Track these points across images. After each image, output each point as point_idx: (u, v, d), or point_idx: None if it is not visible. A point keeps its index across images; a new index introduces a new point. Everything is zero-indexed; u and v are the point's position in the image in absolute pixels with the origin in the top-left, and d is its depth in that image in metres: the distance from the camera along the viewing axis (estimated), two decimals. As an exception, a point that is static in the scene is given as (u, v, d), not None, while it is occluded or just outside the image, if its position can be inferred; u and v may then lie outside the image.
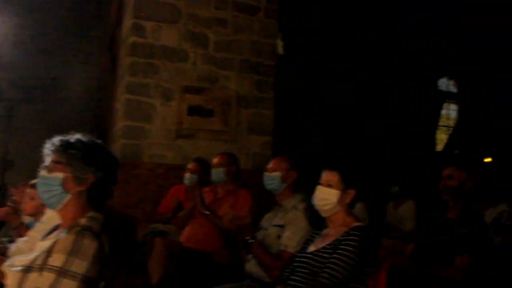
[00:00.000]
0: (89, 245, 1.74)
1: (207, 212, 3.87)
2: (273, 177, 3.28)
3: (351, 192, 2.63)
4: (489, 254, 3.26)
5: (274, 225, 3.18)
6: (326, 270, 2.42)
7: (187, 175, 4.71)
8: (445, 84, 12.10)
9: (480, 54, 11.14)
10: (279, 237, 3.08)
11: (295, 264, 2.66)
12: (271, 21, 6.34)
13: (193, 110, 5.88)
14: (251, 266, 3.13)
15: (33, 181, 3.04)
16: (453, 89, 12.21)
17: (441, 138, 12.00)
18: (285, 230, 3.08)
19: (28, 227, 3.23)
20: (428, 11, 10.03)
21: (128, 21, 6.00)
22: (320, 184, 2.65)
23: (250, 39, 6.22)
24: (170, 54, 5.85)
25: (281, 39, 9.65)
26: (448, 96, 12.09)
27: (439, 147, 11.88)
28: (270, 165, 3.35)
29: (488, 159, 11.03)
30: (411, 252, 3.64)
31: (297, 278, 2.57)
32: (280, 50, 9.57)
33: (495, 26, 10.59)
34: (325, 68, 9.57)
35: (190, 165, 4.78)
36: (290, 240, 3.00)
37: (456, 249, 3.29)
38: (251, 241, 3.00)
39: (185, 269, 3.66)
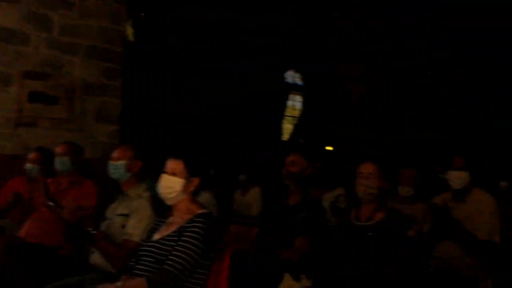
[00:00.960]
0: None
1: (51, 204, 3.69)
2: (117, 166, 3.23)
3: (195, 180, 2.67)
4: (325, 235, 3.49)
5: (119, 215, 3.14)
6: (171, 257, 2.44)
7: (29, 166, 4.46)
8: (291, 76, 12.62)
9: (324, 48, 11.83)
10: (123, 226, 3.05)
11: (140, 253, 2.65)
12: (120, 6, 6.17)
13: (35, 97, 5.56)
14: (95, 257, 3.06)
15: None
16: (298, 81, 12.77)
17: (287, 127, 12.52)
18: (130, 219, 3.05)
19: None
20: (272, 6, 10.42)
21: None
22: (164, 172, 2.67)
23: (98, 24, 6.00)
24: (9, 35, 5.46)
25: (132, 26, 9.42)
26: (294, 88, 12.64)
27: (285, 136, 12.40)
28: (115, 154, 3.29)
29: (329, 148, 11.76)
30: (255, 237, 3.81)
31: (142, 267, 2.56)
32: (130, 37, 9.33)
33: (340, 19, 11.35)
34: (175, 57, 9.52)
35: (31, 155, 4.54)
36: (134, 228, 2.99)
37: (295, 232, 3.50)
38: (94, 232, 2.93)
39: (26, 264, 3.48)
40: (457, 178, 3.83)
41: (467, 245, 3.71)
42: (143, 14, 9.54)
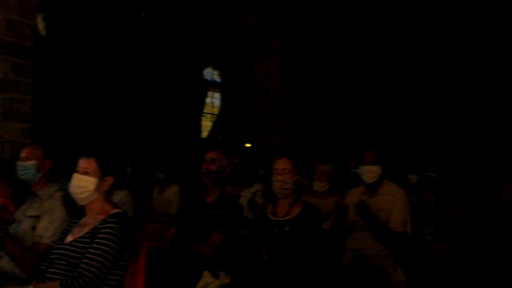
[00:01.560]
0: None
1: None
2: (27, 167, 3.10)
3: (109, 179, 2.60)
4: (242, 231, 3.52)
5: (29, 216, 3.00)
6: (85, 261, 2.36)
7: None
8: (210, 73, 12.63)
9: (243, 45, 11.89)
10: (34, 228, 2.93)
11: (52, 256, 2.55)
12: (30, -1, 5.89)
13: None
14: (4, 263, 2.92)
15: None
16: (217, 78, 12.79)
17: (206, 125, 12.52)
18: (40, 220, 2.93)
19: None
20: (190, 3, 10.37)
21: None
22: (76, 171, 2.58)
23: (6, 17, 5.70)
24: None
25: (43, 19, 9.06)
26: (212, 85, 12.65)
27: (204, 133, 12.39)
28: (24, 153, 3.15)
29: (248, 145, 11.85)
30: (173, 235, 3.77)
31: (54, 270, 2.47)
32: (42, 31, 8.97)
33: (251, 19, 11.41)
34: (91, 52, 9.27)
35: None
36: (45, 230, 2.87)
37: (211, 229, 3.50)
38: (1, 235, 2.79)
39: None
40: (368, 172, 3.95)
41: (381, 237, 3.84)
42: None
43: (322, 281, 3.27)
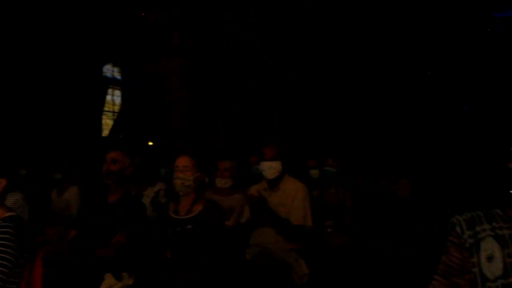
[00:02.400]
0: None
1: None
2: None
3: (2, 182, 2.47)
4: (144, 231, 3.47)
5: None
6: None
7: None
8: (110, 70, 12.30)
9: (145, 42, 11.71)
10: None
11: None
12: None
13: None
14: None
15: None
16: (117, 75, 12.49)
17: (107, 123, 12.18)
18: None
19: None
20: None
21: None
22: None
23: None
24: None
25: None
26: (113, 82, 12.33)
27: (105, 132, 12.05)
28: None
29: (151, 143, 11.69)
30: (73, 238, 3.65)
31: None
32: None
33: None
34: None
35: None
36: None
37: (114, 230, 3.43)
38: None
39: None
40: (269, 168, 4.03)
41: (282, 231, 3.93)
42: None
43: (227, 278, 3.30)
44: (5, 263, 2.27)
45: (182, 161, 3.40)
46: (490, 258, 1.39)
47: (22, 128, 9.05)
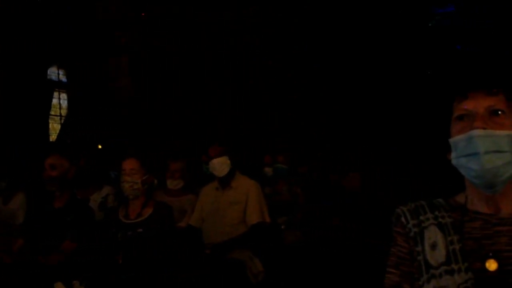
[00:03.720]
0: None
1: None
2: None
3: None
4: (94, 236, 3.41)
5: None
6: None
7: None
8: (55, 73, 12.00)
9: (91, 42, 11.48)
10: None
11: None
12: None
13: None
14: None
15: None
16: (63, 78, 12.20)
17: (54, 127, 11.90)
18: None
19: None
20: None
21: None
22: None
23: None
24: None
25: None
26: (58, 85, 12.04)
27: (53, 136, 11.77)
28: None
29: (99, 146, 11.48)
30: (20, 247, 3.55)
31: None
32: None
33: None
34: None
35: None
36: None
37: (62, 236, 3.35)
38: None
39: None
40: (217, 165, 4.04)
41: (243, 243, 3.94)
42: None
43: (182, 279, 3.28)
44: None
45: (129, 164, 3.36)
46: (433, 246, 1.43)
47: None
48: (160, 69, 11.67)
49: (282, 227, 5.27)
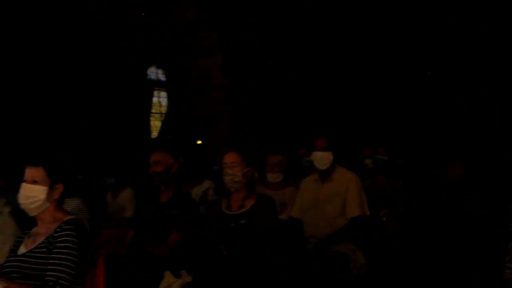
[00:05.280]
0: None
1: None
2: None
3: (59, 187, 2.53)
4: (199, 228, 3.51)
5: None
6: (50, 272, 2.30)
7: None
8: (154, 73, 12.44)
9: (182, 41, 11.84)
10: None
11: (5, 270, 2.46)
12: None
13: None
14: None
15: None
16: (162, 77, 12.63)
17: (156, 125, 12.35)
18: None
19: None
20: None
21: None
22: (24, 181, 2.49)
23: None
24: None
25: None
26: (158, 84, 12.48)
27: (154, 133, 12.23)
28: None
29: (199, 142, 11.81)
30: (131, 239, 3.73)
31: (9, 284, 2.38)
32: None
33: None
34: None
35: None
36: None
37: (168, 229, 3.48)
38: None
39: None
40: (321, 158, 4.02)
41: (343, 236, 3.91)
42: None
43: (285, 271, 3.31)
44: (69, 264, 2.33)
45: (230, 158, 3.42)
46: None
47: (75, 134, 9.29)
48: (255, 67, 11.81)
49: (384, 219, 5.17)
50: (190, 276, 3.18)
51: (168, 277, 3.16)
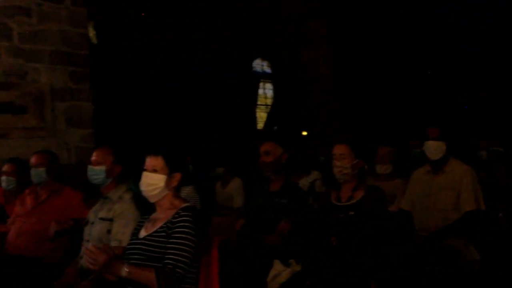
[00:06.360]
0: None
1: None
2: (97, 171, 3.18)
3: (177, 175, 2.66)
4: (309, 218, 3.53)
5: (101, 219, 3.10)
6: (169, 256, 2.42)
7: (4, 178, 4.38)
8: (260, 65, 12.62)
9: (290, 33, 11.91)
10: (109, 231, 3.02)
11: (128, 251, 2.63)
12: (79, 9, 6.04)
13: (4, 108, 5.45)
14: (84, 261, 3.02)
15: None
16: (267, 69, 12.78)
17: (261, 116, 12.54)
18: (115, 224, 3.02)
19: None
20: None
21: None
22: (145, 170, 2.64)
23: (59, 28, 5.88)
24: (-30, 48, 5.34)
25: (94, 27, 9.28)
26: (263, 76, 12.65)
27: (260, 125, 12.43)
28: (94, 157, 3.23)
29: (304, 133, 11.85)
30: (241, 227, 3.83)
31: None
32: (93, 39, 9.20)
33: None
34: (141, 55, 9.44)
35: (5, 167, 4.45)
36: (122, 234, 2.96)
37: (277, 218, 3.54)
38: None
39: (13, 276, 3.44)
40: (433, 147, 3.89)
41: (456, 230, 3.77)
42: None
43: (394, 263, 3.24)
44: (186, 249, 2.44)
45: (339, 149, 3.39)
46: None
47: (185, 126, 9.65)
48: (362, 57, 11.66)
49: (500, 214, 4.91)
50: (299, 266, 3.21)
51: (278, 265, 3.22)
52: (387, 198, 3.78)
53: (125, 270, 2.37)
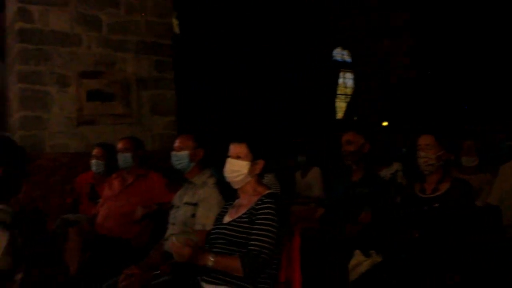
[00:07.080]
0: (0, 237, 1.66)
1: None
2: (181, 156, 3.27)
3: (260, 162, 2.68)
4: (391, 209, 3.47)
5: (186, 203, 3.19)
6: (253, 242, 2.45)
7: (93, 162, 4.60)
8: (340, 54, 12.49)
9: (372, 24, 11.69)
10: (193, 215, 3.10)
11: (212, 236, 2.68)
12: (164, 0, 6.24)
13: (93, 95, 5.71)
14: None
15: None
16: (347, 58, 12.63)
17: (341, 106, 12.43)
18: (199, 208, 3.09)
19: None
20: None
21: (12, 6, 5.67)
22: (229, 156, 2.69)
23: (145, 19, 6.09)
24: (62, 38, 5.62)
25: (176, 17, 9.51)
26: (343, 66, 12.52)
27: (339, 114, 12.33)
28: (177, 144, 3.32)
29: (385, 123, 11.63)
30: (321, 215, 3.81)
31: (217, 250, 2.57)
32: (176, 29, 9.43)
33: None
34: (221, 45, 9.58)
35: (95, 151, 4.67)
36: (206, 218, 3.02)
37: (359, 208, 3.50)
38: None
39: (103, 256, 3.60)
40: None
41: None
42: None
43: (480, 259, 3.13)
44: (270, 235, 2.46)
45: (425, 140, 3.32)
46: None
47: (266, 114, 9.73)
48: (444, 49, 11.29)
49: None
50: (379, 256, 3.17)
51: (358, 255, 3.19)
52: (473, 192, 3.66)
53: (210, 260, 2.42)
